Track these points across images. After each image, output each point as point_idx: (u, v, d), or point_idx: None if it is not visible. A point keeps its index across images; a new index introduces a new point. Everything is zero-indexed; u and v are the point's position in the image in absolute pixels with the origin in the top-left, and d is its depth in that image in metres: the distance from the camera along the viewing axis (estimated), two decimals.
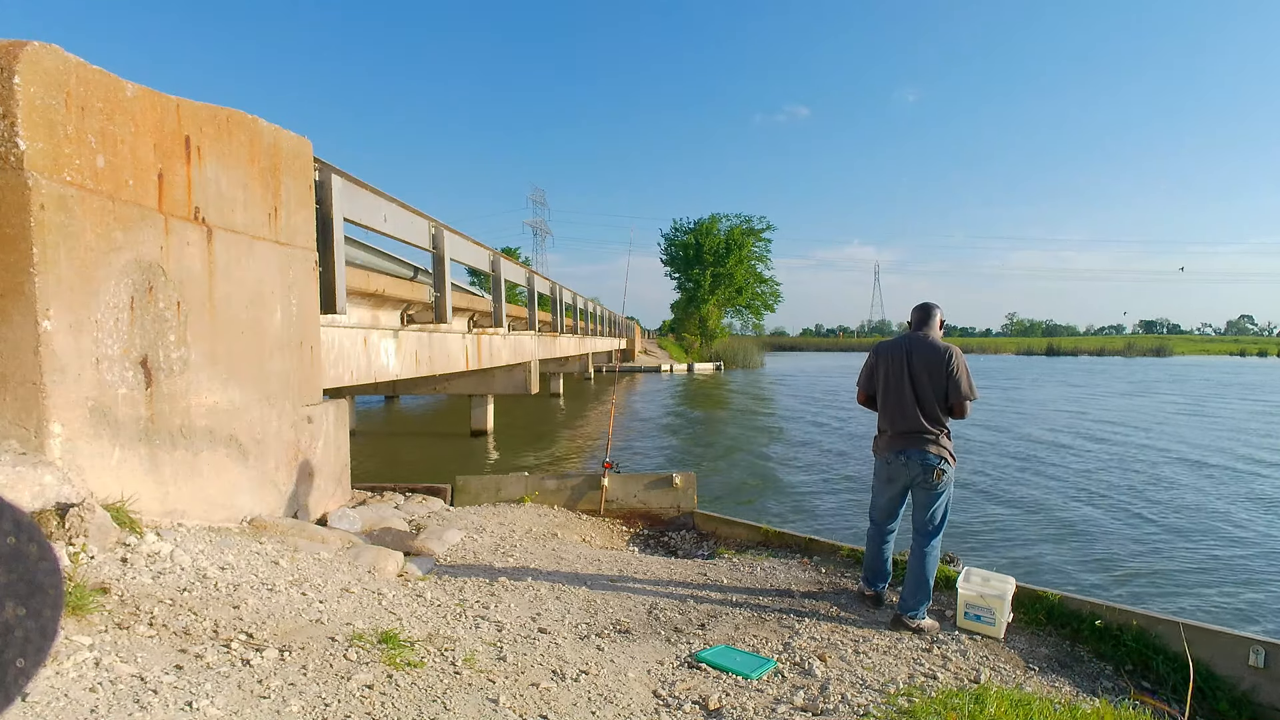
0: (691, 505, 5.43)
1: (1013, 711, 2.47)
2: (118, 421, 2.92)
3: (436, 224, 7.24)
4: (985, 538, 7.03)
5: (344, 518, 4.31)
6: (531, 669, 2.66)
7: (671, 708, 2.50)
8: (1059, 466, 10.80)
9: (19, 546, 0.35)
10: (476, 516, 4.92)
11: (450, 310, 7.41)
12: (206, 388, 3.46)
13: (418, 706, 2.23)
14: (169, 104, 3.26)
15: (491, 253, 9.52)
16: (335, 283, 4.80)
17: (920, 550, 3.41)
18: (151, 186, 3.14)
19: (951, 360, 3.37)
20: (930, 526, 3.44)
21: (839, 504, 8.43)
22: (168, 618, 2.40)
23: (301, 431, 4.28)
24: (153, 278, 3.12)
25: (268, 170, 4.00)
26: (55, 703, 1.81)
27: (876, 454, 3.65)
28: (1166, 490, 9.23)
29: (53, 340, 2.62)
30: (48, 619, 0.36)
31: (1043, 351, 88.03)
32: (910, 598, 3.36)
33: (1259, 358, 78.42)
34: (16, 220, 2.53)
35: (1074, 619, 3.44)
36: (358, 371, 6.01)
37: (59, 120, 2.65)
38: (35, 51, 2.56)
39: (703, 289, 45.42)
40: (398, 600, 3.18)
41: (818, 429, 15.36)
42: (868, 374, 3.67)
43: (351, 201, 5.17)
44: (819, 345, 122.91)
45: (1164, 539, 7.10)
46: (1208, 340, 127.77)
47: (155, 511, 3.08)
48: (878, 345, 3.70)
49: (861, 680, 2.80)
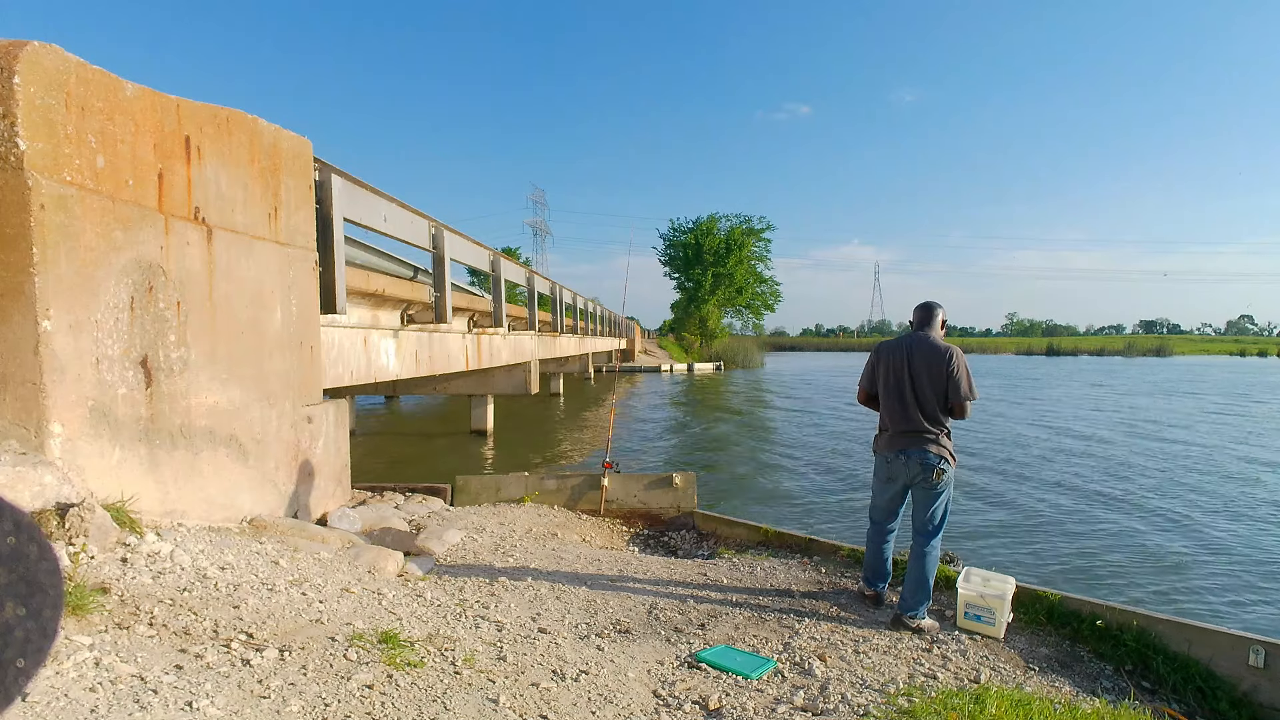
0: (691, 505, 5.43)
1: (1013, 711, 2.47)
2: (118, 421, 2.92)
3: (436, 224, 7.24)
4: (986, 538, 7.03)
5: (344, 518, 4.31)
6: (531, 669, 2.66)
7: (671, 708, 2.50)
8: (1081, 467, 10.80)
9: (19, 546, 0.35)
10: (476, 516, 4.92)
11: (450, 310, 7.41)
12: (206, 388, 3.46)
13: (418, 706, 2.23)
14: (169, 104, 3.26)
15: (491, 253, 9.52)
16: (335, 283, 4.80)
17: (920, 550, 3.42)
18: (151, 186, 3.14)
19: (952, 361, 3.38)
20: (930, 526, 3.44)
21: (839, 504, 8.43)
22: (168, 618, 2.40)
23: (301, 431, 4.28)
24: (153, 278, 3.12)
25: (268, 170, 4.00)
26: (55, 703, 1.81)
27: (876, 453, 3.65)
28: (1197, 493, 9.13)
29: (53, 340, 2.62)
30: (48, 619, 0.36)
31: (1043, 351, 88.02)
32: (910, 597, 3.37)
33: (1259, 358, 78.38)
34: (16, 220, 2.53)
35: (1074, 619, 3.44)
36: (358, 371, 6.02)
37: (59, 120, 2.65)
38: (35, 51, 2.56)
39: (703, 289, 45.39)
40: (398, 600, 3.18)
41: (818, 429, 15.36)
42: (869, 373, 3.68)
43: (351, 201, 5.17)
44: (819, 345, 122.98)
45: (1185, 539, 7.10)
46: (1208, 340, 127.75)
47: (155, 511, 3.08)
48: (879, 345, 3.71)
49: (861, 680, 2.80)
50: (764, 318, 51.18)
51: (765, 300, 48.92)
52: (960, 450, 3.57)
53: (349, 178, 5.15)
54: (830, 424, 16.14)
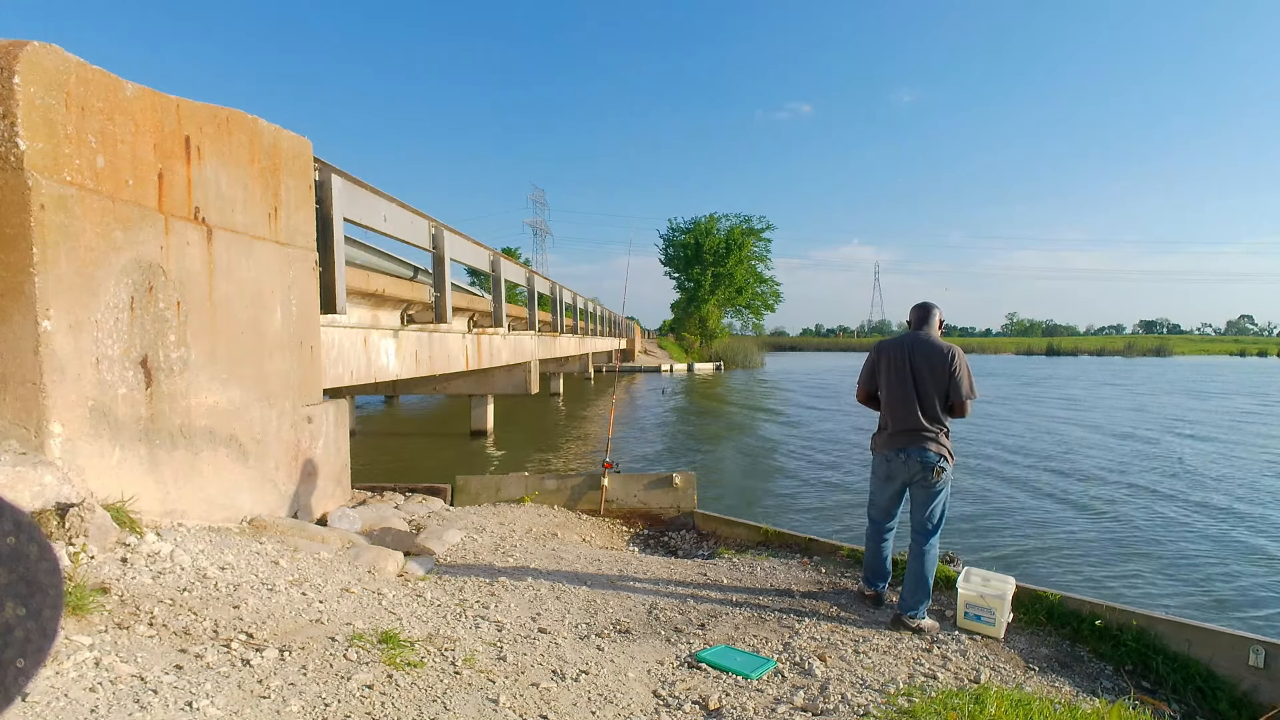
0: (691, 505, 5.43)
1: (1013, 711, 2.47)
2: (118, 421, 2.92)
3: (436, 224, 7.24)
4: (989, 538, 7.03)
5: (344, 518, 4.31)
6: (531, 669, 2.66)
7: (671, 708, 2.50)
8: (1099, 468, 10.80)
9: (19, 546, 0.35)
10: (476, 516, 4.92)
11: (450, 310, 7.41)
12: (206, 387, 3.46)
13: (418, 706, 2.23)
14: (169, 104, 3.26)
15: (491, 253, 9.52)
16: (335, 282, 4.80)
17: (919, 549, 3.42)
18: (151, 186, 3.14)
19: (953, 360, 3.40)
20: (929, 525, 3.45)
21: (839, 504, 8.42)
22: (168, 618, 2.40)
23: (301, 431, 4.28)
24: (153, 278, 3.12)
25: (268, 170, 4.00)
26: (55, 703, 1.81)
27: (875, 451, 3.65)
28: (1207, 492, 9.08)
29: (53, 340, 2.62)
30: (48, 619, 0.36)
31: (1043, 351, 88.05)
32: (910, 597, 3.37)
33: (1259, 358, 78.35)
34: (16, 220, 2.53)
35: (1074, 619, 3.44)
36: (358, 371, 6.02)
37: (59, 120, 2.65)
38: (35, 51, 2.56)
39: (703, 289, 45.39)
40: (398, 600, 3.18)
41: (818, 429, 15.36)
42: (869, 372, 3.68)
43: (351, 201, 5.17)
44: (819, 345, 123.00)
45: (1186, 538, 7.10)
46: (1208, 340, 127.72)
47: (155, 511, 3.08)
48: (880, 344, 3.70)
49: (861, 680, 2.80)
50: (764, 318, 51.27)
51: (765, 300, 48.95)
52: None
53: (349, 178, 5.15)
54: (830, 424, 16.13)
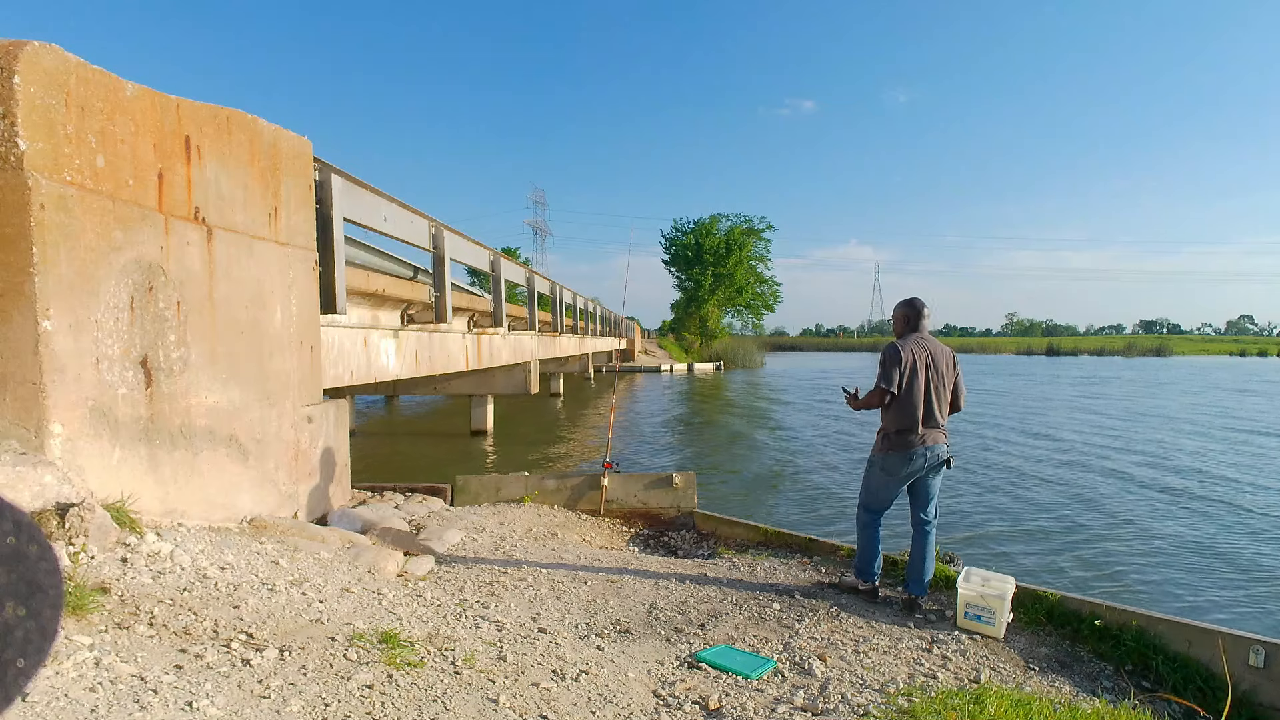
0: (691, 505, 5.43)
1: (1012, 711, 2.47)
2: (118, 421, 2.92)
3: (436, 224, 7.24)
4: (989, 538, 7.03)
5: (344, 517, 4.31)
6: (531, 669, 2.66)
7: (671, 708, 2.50)
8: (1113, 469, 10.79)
9: (19, 546, 0.35)
10: (476, 516, 4.92)
11: (450, 310, 7.41)
12: (206, 388, 3.46)
13: (418, 706, 2.23)
14: (169, 104, 3.26)
15: (491, 253, 9.52)
16: (335, 283, 4.81)
17: (930, 535, 3.66)
18: (151, 186, 3.14)
19: (957, 361, 3.71)
20: (935, 511, 3.71)
21: (839, 504, 8.42)
22: (168, 618, 2.40)
23: (301, 431, 4.28)
24: (153, 278, 3.12)
25: (268, 170, 4.00)
26: (55, 703, 1.81)
27: (894, 451, 3.60)
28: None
29: (53, 340, 2.62)
30: (48, 619, 0.36)
31: (1043, 351, 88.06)
32: (924, 580, 3.61)
33: (1259, 358, 78.36)
34: (16, 220, 2.53)
35: (1074, 619, 3.44)
36: (358, 371, 6.02)
37: (59, 120, 2.65)
38: (35, 51, 2.56)
39: (703, 289, 45.39)
40: (398, 600, 3.18)
41: (818, 429, 15.36)
42: (892, 375, 3.55)
43: (351, 201, 5.17)
44: (819, 345, 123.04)
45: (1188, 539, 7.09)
46: (1208, 340, 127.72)
47: (155, 511, 3.08)
48: (902, 347, 3.57)
49: (861, 680, 2.80)
50: (764, 318, 51.26)
51: (765, 300, 48.93)
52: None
53: (349, 177, 5.15)
54: (830, 424, 16.13)
